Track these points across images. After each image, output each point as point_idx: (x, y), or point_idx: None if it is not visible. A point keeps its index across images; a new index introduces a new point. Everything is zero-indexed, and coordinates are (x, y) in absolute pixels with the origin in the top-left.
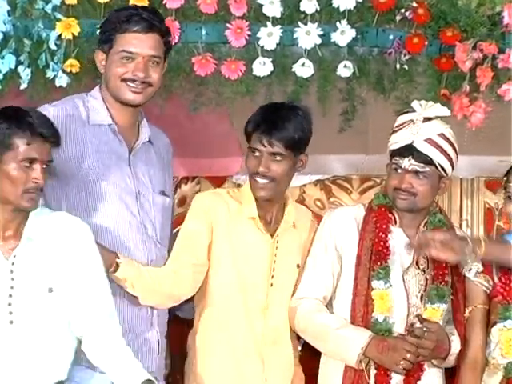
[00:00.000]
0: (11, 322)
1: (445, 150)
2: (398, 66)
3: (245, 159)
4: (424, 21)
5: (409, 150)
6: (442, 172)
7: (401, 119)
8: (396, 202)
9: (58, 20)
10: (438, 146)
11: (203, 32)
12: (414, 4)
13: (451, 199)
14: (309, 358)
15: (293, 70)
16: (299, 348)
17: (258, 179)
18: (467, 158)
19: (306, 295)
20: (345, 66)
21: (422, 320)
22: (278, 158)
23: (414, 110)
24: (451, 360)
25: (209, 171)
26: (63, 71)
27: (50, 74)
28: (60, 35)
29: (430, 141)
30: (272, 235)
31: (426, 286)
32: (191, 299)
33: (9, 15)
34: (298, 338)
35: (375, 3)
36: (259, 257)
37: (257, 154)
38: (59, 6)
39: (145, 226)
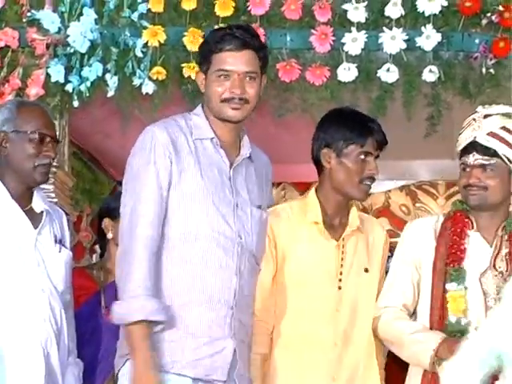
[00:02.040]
0: None
1: (509, 142)
2: (483, 71)
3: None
4: (510, 24)
5: (472, 146)
6: (511, 165)
7: (465, 121)
8: (468, 200)
9: (145, 28)
10: (501, 139)
11: (288, 38)
12: (500, 8)
13: None
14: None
15: (378, 75)
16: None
17: (367, 184)
18: None
19: (386, 304)
20: (430, 71)
21: None
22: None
23: None
24: None
25: (294, 177)
26: (149, 78)
27: (136, 81)
28: (146, 43)
29: (492, 134)
30: (337, 240)
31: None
32: None
33: (96, 24)
34: None
35: (461, 7)
36: (325, 261)
37: (366, 157)
38: (145, 14)
39: (240, 236)
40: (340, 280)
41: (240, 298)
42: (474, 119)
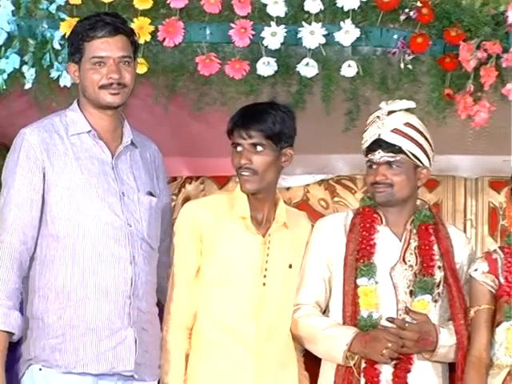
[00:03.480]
0: None
1: (413, 138)
2: (402, 66)
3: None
4: (428, 20)
5: (377, 144)
6: (416, 161)
7: (369, 118)
8: (375, 197)
9: (63, 20)
10: (405, 135)
11: (207, 32)
12: (418, 3)
13: (455, 199)
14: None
15: (297, 69)
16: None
17: (242, 173)
18: (471, 158)
19: (299, 302)
20: (349, 66)
21: (408, 311)
22: (259, 148)
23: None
24: (444, 354)
25: (213, 171)
26: (67, 71)
27: (54, 73)
28: (64, 35)
29: (396, 130)
30: (264, 235)
31: (414, 281)
32: None
33: (13, 15)
34: None
35: (379, 3)
36: (250, 256)
37: (239, 148)
38: (63, 6)
39: (129, 224)
40: (265, 276)
41: (137, 286)
42: (378, 116)
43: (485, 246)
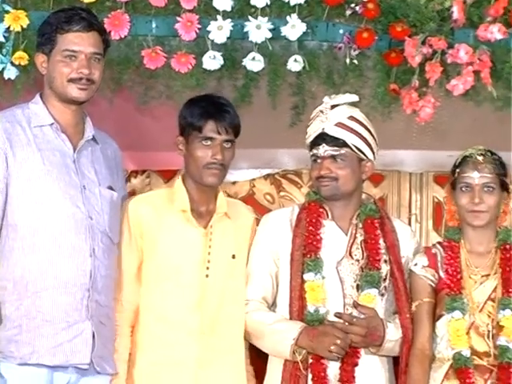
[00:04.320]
0: None
1: (357, 131)
2: (347, 61)
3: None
4: (374, 15)
5: (321, 138)
6: (360, 154)
7: (313, 112)
8: (320, 191)
9: (7, 12)
10: (349, 128)
11: (153, 25)
12: None
13: (400, 194)
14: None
15: (243, 63)
16: None
17: (213, 167)
18: (416, 153)
19: (248, 298)
20: (295, 61)
21: (356, 305)
22: (229, 144)
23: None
24: (390, 348)
25: (158, 165)
26: (12, 64)
27: None
28: (8, 27)
29: (340, 124)
30: (205, 227)
31: (361, 275)
32: None
33: None
34: None
35: None
36: (192, 249)
37: (209, 142)
38: None
39: (90, 217)
40: (208, 268)
41: (96, 279)
42: (322, 110)
43: (429, 240)
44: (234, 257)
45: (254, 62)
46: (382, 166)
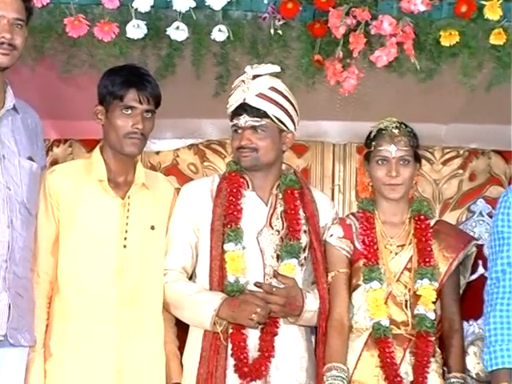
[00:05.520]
0: None
1: (278, 102)
2: (272, 31)
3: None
4: None
5: (242, 108)
6: (281, 125)
7: (234, 82)
8: (241, 162)
9: None
10: (270, 99)
11: None
12: None
13: (324, 164)
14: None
15: (167, 33)
16: None
17: (133, 137)
18: (340, 124)
19: (167, 267)
20: (219, 30)
21: (276, 275)
22: (150, 114)
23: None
24: (309, 318)
25: (81, 134)
26: None
27: None
28: None
29: (261, 95)
30: (123, 197)
31: (281, 245)
32: None
33: None
34: None
35: None
36: (110, 219)
37: (129, 112)
38: None
39: (8, 188)
40: (125, 238)
41: (14, 250)
42: (243, 81)
43: (352, 210)
44: (152, 228)
45: (178, 32)
46: (305, 136)
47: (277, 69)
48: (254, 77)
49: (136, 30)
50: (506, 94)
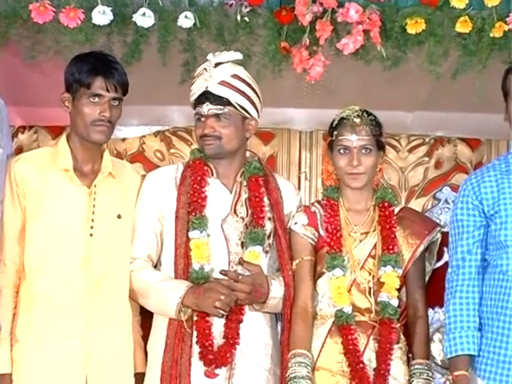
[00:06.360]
0: None
1: (241, 90)
2: (238, 18)
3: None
4: None
5: (205, 96)
6: (244, 113)
7: (197, 70)
8: (204, 150)
9: None
10: (232, 87)
11: None
12: None
13: (290, 152)
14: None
15: (133, 19)
16: None
17: (100, 124)
18: (306, 111)
19: (133, 256)
20: (186, 17)
21: (242, 262)
22: (117, 102)
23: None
24: (274, 305)
25: (46, 120)
26: None
27: None
28: None
29: (223, 83)
30: (89, 186)
31: (246, 233)
32: None
33: None
34: None
35: None
36: (76, 208)
37: (97, 99)
38: None
39: None
40: (92, 227)
41: None
42: (205, 68)
43: (319, 198)
44: (119, 216)
45: (145, 18)
46: (272, 124)
47: (239, 56)
48: (216, 64)
49: (102, 16)
50: (471, 81)
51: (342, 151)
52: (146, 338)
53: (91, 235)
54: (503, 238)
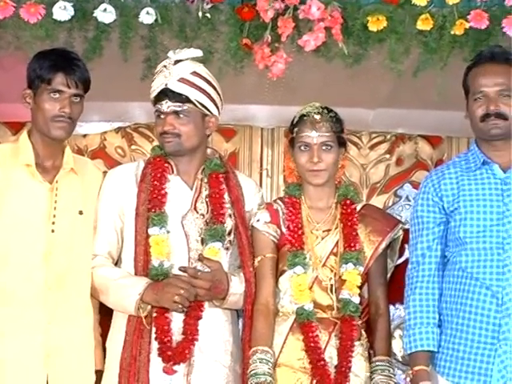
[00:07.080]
0: None
1: (200, 87)
2: (200, 14)
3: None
4: None
5: (164, 94)
6: (204, 110)
7: (157, 67)
8: (164, 147)
9: None
10: (192, 84)
11: None
12: None
13: (252, 149)
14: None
15: (94, 15)
16: None
17: (60, 120)
18: (268, 108)
19: (94, 252)
20: (147, 13)
21: (202, 259)
22: (78, 99)
23: None
24: (234, 301)
25: (6, 116)
26: None
27: None
28: None
29: (182, 80)
30: (51, 182)
31: (206, 229)
32: None
33: None
34: None
35: None
36: (37, 204)
37: (57, 95)
38: None
39: None
40: (53, 223)
41: None
42: (165, 66)
43: (280, 195)
44: (81, 213)
45: (106, 14)
46: (234, 120)
47: (199, 53)
48: (176, 62)
49: (63, 11)
50: (432, 79)
51: (302, 148)
52: (105, 335)
53: (53, 231)
54: (462, 235)
